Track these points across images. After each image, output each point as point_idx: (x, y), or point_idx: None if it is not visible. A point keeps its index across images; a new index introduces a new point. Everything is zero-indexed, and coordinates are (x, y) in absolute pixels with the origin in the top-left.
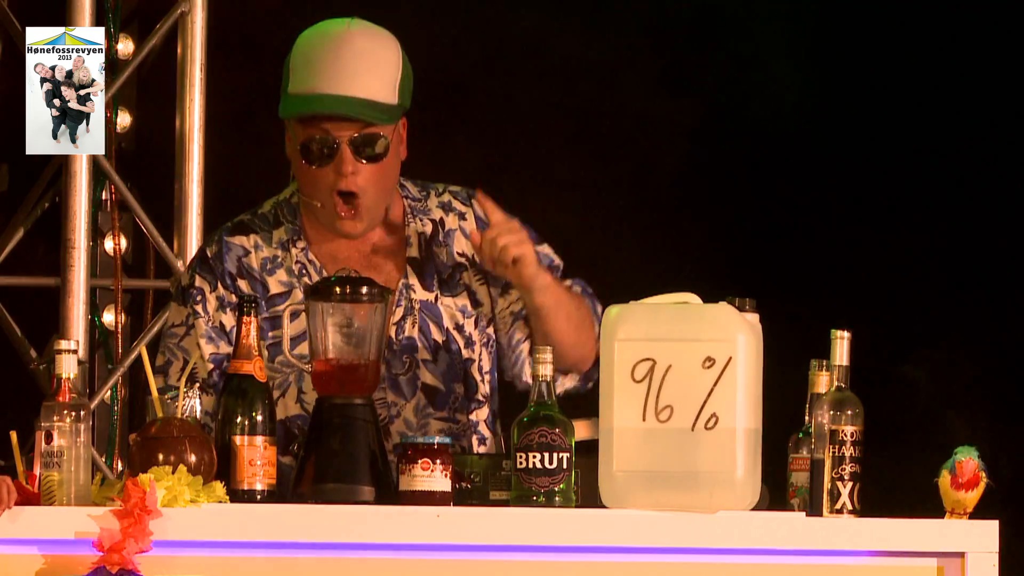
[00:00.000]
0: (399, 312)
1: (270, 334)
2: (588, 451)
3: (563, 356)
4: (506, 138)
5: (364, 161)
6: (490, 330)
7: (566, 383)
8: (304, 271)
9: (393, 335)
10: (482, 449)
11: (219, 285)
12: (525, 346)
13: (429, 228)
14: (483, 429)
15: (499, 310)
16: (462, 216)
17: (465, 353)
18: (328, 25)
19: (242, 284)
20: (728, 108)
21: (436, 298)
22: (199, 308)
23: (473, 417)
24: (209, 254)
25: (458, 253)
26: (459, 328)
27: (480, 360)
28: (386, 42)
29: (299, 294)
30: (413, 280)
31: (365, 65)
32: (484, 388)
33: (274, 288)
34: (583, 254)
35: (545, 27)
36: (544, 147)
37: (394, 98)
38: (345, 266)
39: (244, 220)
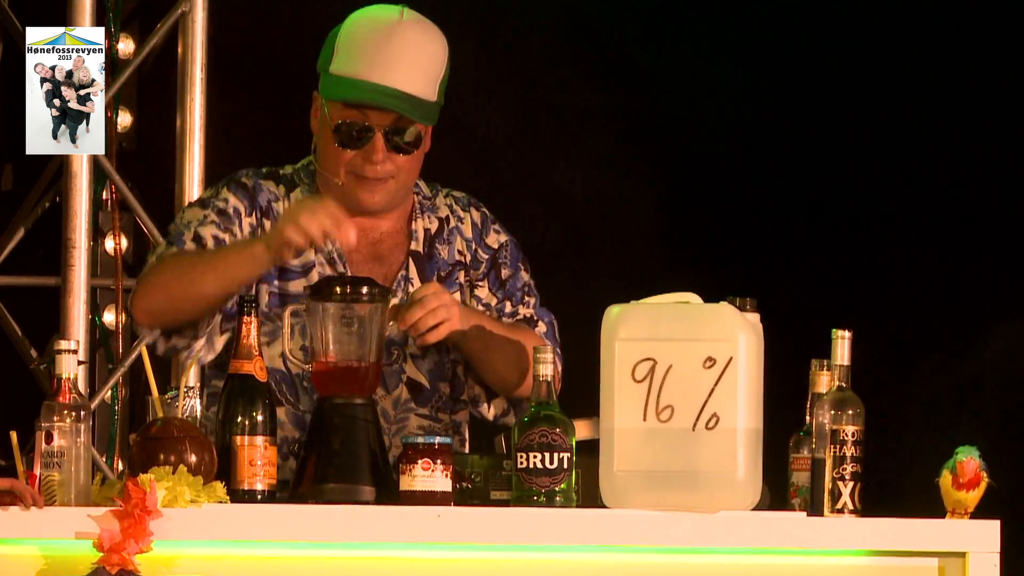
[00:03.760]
0: (394, 303)
1: (276, 282)
2: (589, 451)
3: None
4: (504, 134)
5: (394, 151)
6: None
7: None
8: None
9: None
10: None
11: (254, 213)
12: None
13: (435, 226)
14: (465, 431)
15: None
16: (460, 220)
17: (454, 354)
18: (381, 11)
19: (268, 224)
20: (730, 107)
21: None
22: (234, 227)
23: (456, 418)
24: (246, 182)
25: (458, 251)
26: None
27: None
28: (435, 37)
29: (309, 254)
30: (413, 274)
31: (412, 59)
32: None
33: None
34: (584, 254)
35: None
36: (544, 146)
37: (434, 95)
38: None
39: (274, 170)
